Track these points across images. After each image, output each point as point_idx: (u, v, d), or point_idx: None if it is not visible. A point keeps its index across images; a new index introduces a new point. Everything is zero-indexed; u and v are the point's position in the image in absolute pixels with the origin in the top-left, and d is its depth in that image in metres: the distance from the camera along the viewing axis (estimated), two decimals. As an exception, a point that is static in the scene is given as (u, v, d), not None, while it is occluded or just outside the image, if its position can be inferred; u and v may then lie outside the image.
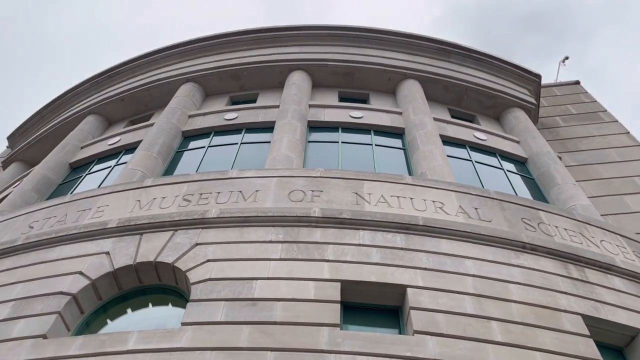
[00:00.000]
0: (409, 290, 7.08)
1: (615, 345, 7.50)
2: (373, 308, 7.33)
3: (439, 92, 14.54)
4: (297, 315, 6.62)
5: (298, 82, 13.88)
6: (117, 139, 13.58)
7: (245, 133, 12.60)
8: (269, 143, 11.71)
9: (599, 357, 6.63)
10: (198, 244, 7.99)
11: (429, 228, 8.25)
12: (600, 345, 7.13)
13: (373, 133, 12.54)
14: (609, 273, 8.39)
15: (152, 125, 13.22)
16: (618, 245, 9.33)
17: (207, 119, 13.25)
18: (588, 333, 6.96)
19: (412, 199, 9.07)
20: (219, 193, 9.17)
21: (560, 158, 13.13)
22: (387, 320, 7.17)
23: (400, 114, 13.15)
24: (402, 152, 12.03)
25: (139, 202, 9.28)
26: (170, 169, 11.78)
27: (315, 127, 12.67)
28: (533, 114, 15.01)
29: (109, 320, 7.57)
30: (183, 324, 6.61)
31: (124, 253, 8.03)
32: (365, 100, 14.32)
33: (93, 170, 12.89)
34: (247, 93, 14.71)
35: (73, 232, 8.69)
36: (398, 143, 12.35)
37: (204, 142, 12.56)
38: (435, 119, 12.93)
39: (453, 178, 10.34)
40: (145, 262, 7.81)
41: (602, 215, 10.79)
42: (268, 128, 12.55)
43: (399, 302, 7.25)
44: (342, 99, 14.25)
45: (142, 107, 15.26)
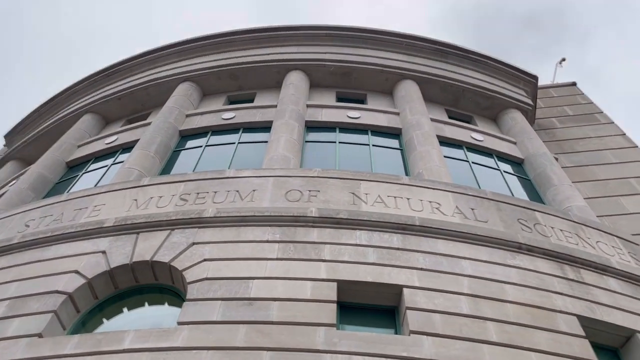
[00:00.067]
0: (405, 291, 7.10)
1: (611, 346, 7.53)
2: (369, 308, 7.34)
3: (436, 92, 14.57)
4: (293, 315, 6.62)
5: (296, 82, 13.88)
6: (114, 138, 13.55)
7: (243, 133, 12.60)
8: (267, 143, 11.71)
9: (594, 357, 6.65)
10: (195, 244, 7.98)
11: (426, 228, 8.27)
12: (596, 346, 7.16)
13: (370, 133, 12.55)
14: (605, 274, 8.41)
15: (149, 125, 13.20)
16: (614, 247, 9.37)
17: (204, 119, 13.24)
18: (583, 334, 6.98)
19: (408, 199, 9.08)
20: (216, 192, 9.17)
21: (557, 159, 13.16)
22: (383, 320, 7.18)
23: (398, 115, 13.17)
24: (399, 152, 12.05)
25: (136, 201, 9.27)
26: (168, 168, 11.77)
27: (313, 127, 12.68)
28: (530, 115, 15.06)
29: (105, 320, 7.56)
30: (179, 324, 6.60)
31: (121, 252, 8.02)
32: (363, 101, 14.34)
33: (90, 169, 12.86)
34: (244, 93, 14.71)
35: (69, 231, 8.68)
36: (395, 143, 12.37)
37: (201, 141, 12.55)
38: (432, 120, 12.96)
39: (450, 179, 10.36)
40: (142, 261, 7.80)
41: (598, 217, 10.82)
42: (265, 128, 12.55)
43: (396, 302, 7.26)
44: (339, 99, 14.26)
45: (139, 106, 15.24)
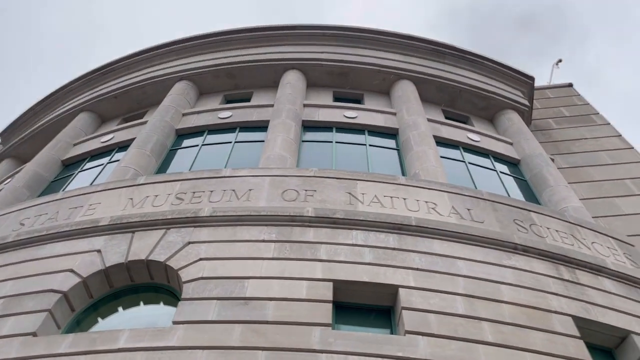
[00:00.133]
0: (401, 291, 7.10)
1: (605, 347, 7.55)
2: (365, 308, 7.33)
3: (433, 93, 14.58)
4: (289, 315, 6.61)
5: (293, 81, 13.87)
6: (110, 137, 13.51)
7: (239, 132, 12.57)
8: (263, 142, 11.69)
9: (589, 358, 6.67)
10: (190, 243, 7.96)
11: (422, 228, 8.27)
12: (590, 347, 7.16)
13: (367, 133, 12.55)
14: (600, 275, 8.44)
15: (145, 123, 13.16)
16: (609, 247, 9.40)
17: (201, 118, 13.21)
18: (578, 334, 7.00)
19: (405, 200, 9.09)
20: (212, 192, 9.15)
21: (553, 160, 13.20)
22: (379, 320, 7.18)
23: (394, 115, 13.18)
24: (395, 152, 12.06)
25: (132, 200, 9.25)
26: (164, 167, 11.74)
27: (310, 126, 12.67)
28: (526, 116, 15.09)
29: (100, 319, 7.53)
30: (174, 323, 6.59)
31: (116, 251, 7.99)
32: (360, 101, 14.34)
33: (85, 168, 12.82)
34: (241, 92, 14.69)
35: (64, 229, 8.65)
36: (392, 143, 12.38)
37: (198, 140, 12.52)
38: (429, 120, 12.97)
39: (446, 179, 10.38)
40: (137, 260, 7.78)
41: (593, 218, 10.85)
42: (262, 127, 12.53)
43: (391, 302, 7.26)
44: (336, 99, 14.26)
45: (135, 104, 15.19)
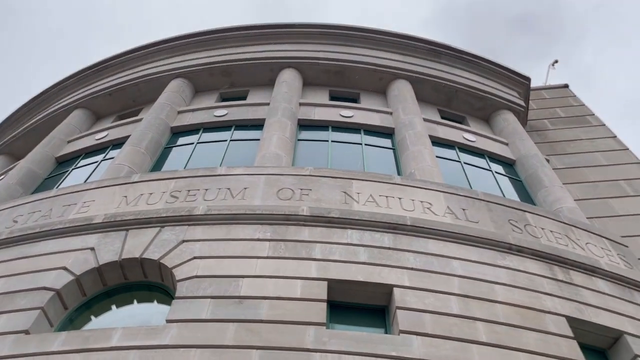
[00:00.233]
0: (396, 290, 7.10)
1: (599, 347, 7.58)
2: (360, 307, 7.33)
3: (429, 92, 14.59)
4: (283, 314, 6.60)
5: (289, 80, 13.84)
6: (104, 134, 13.44)
7: (235, 130, 12.54)
8: (259, 140, 11.67)
9: (582, 358, 6.69)
10: (185, 241, 7.93)
11: (417, 228, 8.27)
12: (584, 347, 7.19)
13: (363, 132, 12.54)
14: (594, 275, 8.47)
15: (140, 121, 13.10)
16: (603, 248, 9.43)
17: (196, 115, 13.17)
18: (572, 334, 7.02)
19: (400, 199, 9.08)
20: (207, 190, 9.12)
21: (548, 161, 13.23)
22: (373, 320, 7.18)
23: (391, 114, 13.17)
24: (391, 152, 12.05)
25: (126, 197, 9.20)
26: (158, 165, 11.69)
27: (306, 125, 12.65)
28: (522, 117, 15.12)
29: (93, 317, 7.49)
30: (168, 321, 6.56)
31: (109, 249, 7.95)
32: (356, 100, 14.33)
33: (79, 165, 12.75)
34: (237, 90, 14.65)
35: (58, 227, 8.59)
36: (388, 143, 12.37)
37: (193, 138, 12.48)
38: (425, 120, 12.97)
39: (441, 179, 10.38)
40: (131, 258, 7.74)
41: (588, 218, 10.89)
42: (258, 125, 12.50)
43: (386, 301, 7.26)
44: (332, 98, 14.24)
45: (130, 102, 15.12)
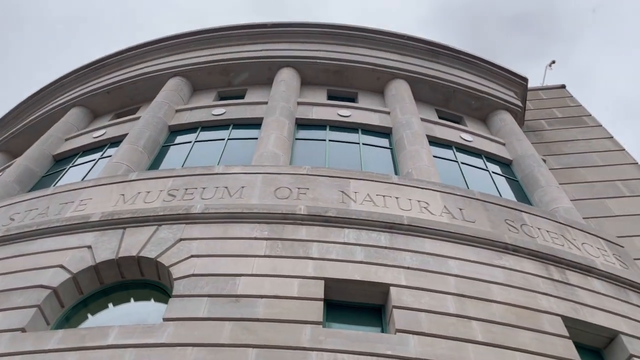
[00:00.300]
0: (392, 289, 7.11)
1: (594, 347, 7.61)
2: (356, 306, 7.34)
3: (427, 92, 14.62)
4: (280, 313, 6.61)
5: (287, 79, 13.84)
6: (102, 132, 13.43)
7: (233, 129, 12.54)
8: (256, 139, 11.67)
9: (578, 358, 6.72)
10: (182, 240, 7.93)
11: (414, 228, 8.29)
12: (579, 347, 7.23)
13: (360, 132, 12.56)
14: (589, 275, 8.50)
15: (138, 119, 13.09)
16: (599, 248, 9.46)
17: (194, 114, 13.16)
18: (567, 334, 7.05)
19: (397, 199, 9.10)
20: (205, 188, 9.12)
21: (545, 161, 13.27)
22: (370, 319, 7.20)
23: (388, 114, 13.19)
24: (389, 151, 12.07)
25: (123, 196, 9.20)
26: (156, 164, 11.69)
27: (303, 124, 12.66)
28: (519, 117, 15.16)
29: (90, 315, 7.49)
30: (165, 320, 6.56)
31: (106, 247, 7.95)
32: (354, 99, 14.34)
33: (77, 163, 12.74)
34: (235, 89, 14.64)
35: (55, 225, 8.58)
36: (385, 142, 12.39)
37: (191, 137, 12.48)
38: (423, 120, 13.00)
39: (438, 178, 10.40)
40: (128, 256, 7.74)
41: (584, 218, 10.92)
42: (256, 124, 12.51)
43: (382, 300, 7.28)
44: (330, 97, 14.24)
45: (128, 100, 15.11)
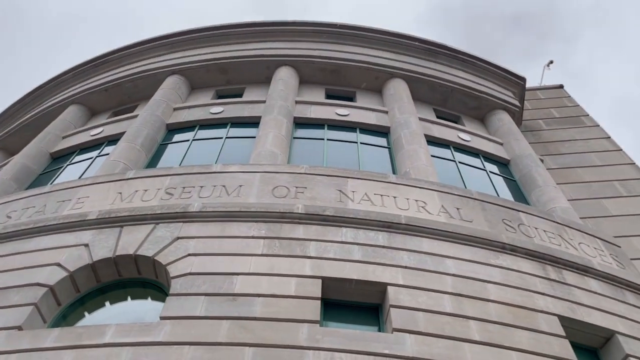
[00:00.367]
0: (390, 289, 7.12)
1: (590, 346, 7.63)
2: (353, 305, 7.35)
3: (425, 92, 14.62)
4: (277, 311, 6.61)
5: (285, 77, 13.84)
6: (99, 130, 13.40)
7: (231, 127, 12.53)
8: (254, 138, 11.66)
9: (574, 357, 6.73)
10: (179, 238, 7.93)
11: (411, 227, 8.30)
12: (576, 346, 7.25)
13: (358, 131, 12.56)
14: (586, 275, 8.52)
15: (136, 117, 13.07)
16: (596, 248, 9.49)
17: (192, 112, 13.14)
18: (564, 334, 7.06)
19: (395, 198, 9.11)
20: (202, 187, 9.11)
21: (542, 161, 13.29)
22: (367, 318, 7.20)
23: (386, 113, 13.19)
24: (386, 150, 12.08)
25: (121, 194, 9.18)
26: (154, 162, 11.67)
27: (301, 123, 12.66)
28: (517, 117, 15.18)
29: (87, 313, 7.49)
30: (162, 318, 6.56)
31: (104, 245, 7.94)
32: (352, 98, 14.34)
33: (74, 161, 12.72)
34: (233, 87, 14.62)
35: (52, 223, 8.57)
36: (383, 142, 12.39)
37: (189, 135, 12.46)
38: (421, 119, 13.01)
39: (436, 178, 10.41)
40: (125, 255, 7.73)
41: (581, 218, 10.95)
42: (254, 123, 12.50)
43: (380, 299, 7.29)
44: (328, 96, 14.24)
45: (126, 98, 15.08)
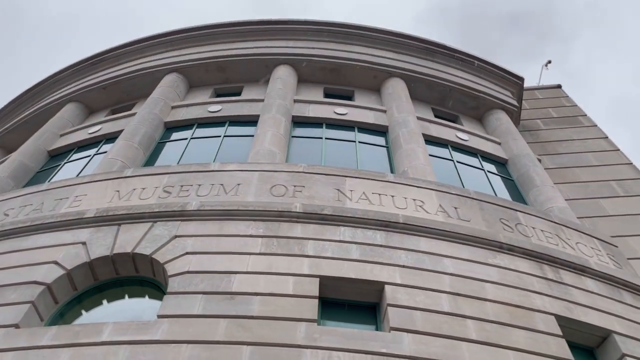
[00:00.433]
0: (387, 288, 7.13)
1: (587, 346, 7.65)
2: (351, 304, 7.35)
3: (424, 91, 14.63)
4: (274, 310, 6.61)
5: (283, 76, 13.83)
6: (97, 128, 13.38)
7: (229, 126, 12.52)
8: (253, 137, 11.65)
9: (571, 357, 6.75)
10: (177, 236, 7.92)
11: (409, 226, 8.31)
12: (572, 346, 7.27)
13: (357, 130, 12.56)
14: (583, 275, 8.54)
15: (134, 115, 13.05)
16: (593, 248, 9.51)
17: (190, 111, 13.13)
18: (561, 333, 7.08)
19: (393, 197, 9.11)
20: (200, 185, 9.11)
21: (540, 160, 13.31)
22: (364, 317, 7.21)
23: (385, 112, 13.19)
24: (385, 149, 12.08)
25: (118, 192, 9.17)
26: (151, 160, 11.65)
27: (300, 122, 12.65)
28: (515, 116, 15.20)
29: (84, 311, 7.48)
30: (159, 317, 6.55)
31: (101, 243, 7.93)
32: (350, 97, 14.33)
33: (72, 159, 12.69)
34: (231, 86, 14.61)
35: (49, 221, 8.55)
36: (381, 141, 12.40)
37: (187, 133, 12.45)
38: (419, 118, 13.01)
39: (434, 177, 10.42)
40: (123, 253, 7.72)
41: (578, 218, 10.97)
42: (252, 122, 12.49)
43: (377, 298, 7.29)
44: (327, 95, 14.24)
45: (124, 96, 15.05)
